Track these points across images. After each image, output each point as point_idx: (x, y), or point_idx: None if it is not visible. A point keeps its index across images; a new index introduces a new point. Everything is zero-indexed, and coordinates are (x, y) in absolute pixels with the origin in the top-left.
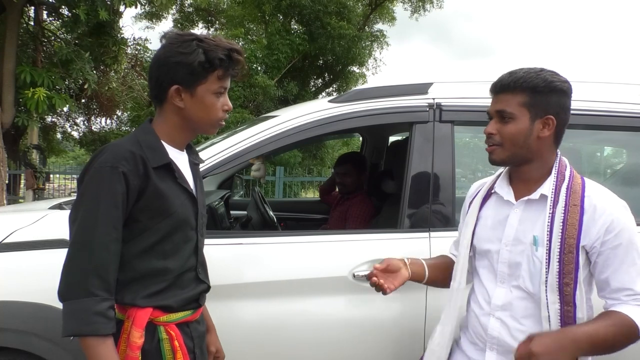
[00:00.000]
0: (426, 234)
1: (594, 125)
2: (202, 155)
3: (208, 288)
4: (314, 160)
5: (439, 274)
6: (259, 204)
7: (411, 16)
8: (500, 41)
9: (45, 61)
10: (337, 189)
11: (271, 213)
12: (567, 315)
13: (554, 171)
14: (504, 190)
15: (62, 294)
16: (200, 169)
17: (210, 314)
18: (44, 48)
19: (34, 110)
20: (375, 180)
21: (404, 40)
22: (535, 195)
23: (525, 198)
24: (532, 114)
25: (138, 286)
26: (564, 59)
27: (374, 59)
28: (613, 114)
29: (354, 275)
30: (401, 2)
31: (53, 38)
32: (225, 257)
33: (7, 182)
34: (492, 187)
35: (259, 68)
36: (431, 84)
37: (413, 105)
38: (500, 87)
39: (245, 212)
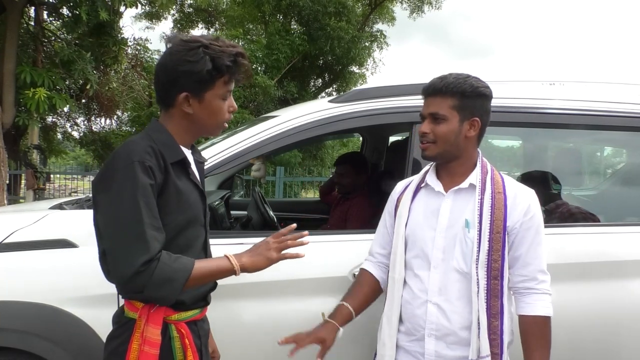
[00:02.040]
0: None
1: (594, 125)
2: (203, 155)
3: (215, 285)
4: (314, 161)
5: (364, 303)
6: (259, 204)
7: (410, 16)
8: (500, 41)
9: (46, 61)
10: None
11: (271, 213)
12: (494, 288)
13: (478, 164)
14: (434, 182)
15: (135, 286)
16: None
17: (210, 314)
18: (45, 48)
19: (35, 110)
20: (376, 180)
21: (403, 40)
22: (465, 184)
23: (456, 187)
24: (461, 116)
25: None
26: (564, 58)
27: (373, 59)
28: (613, 114)
29: (354, 275)
30: (400, 2)
31: (53, 38)
32: None
33: (7, 182)
34: (421, 182)
35: (259, 68)
36: None
37: (413, 105)
38: (433, 91)
39: (245, 212)
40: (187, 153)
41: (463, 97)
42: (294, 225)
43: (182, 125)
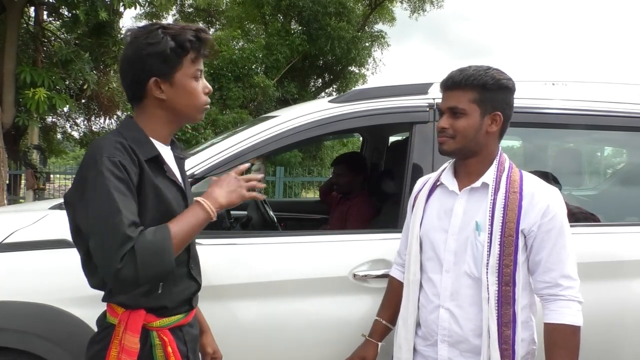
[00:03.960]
0: None
1: (594, 125)
2: (203, 155)
3: (199, 287)
4: (314, 161)
5: (397, 312)
6: (259, 204)
7: (411, 16)
8: (498, 41)
9: (46, 61)
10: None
11: (271, 213)
12: (506, 295)
13: (495, 162)
14: (449, 181)
15: (125, 281)
16: (201, 169)
17: (210, 314)
18: (44, 48)
19: (35, 110)
20: (376, 180)
21: (402, 41)
22: (477, 183)
23: (469, 187)
24: (482, 110)
25: None
26: (564, 58)
27: (374, 59)
28: (613, 114)
29: (354, 275)
30: (400, 2)
31: (53, 38)
32: (226, 257)
33: (7, 182)
34: (437, 180)
35: (259, 68)
36: (431, 84)
37: (413, 106)
38: (452, 84)
39: (245, 212)
40: (164, 149)
41: (484, 90)
42: (247, 165)
43: (158, 116)
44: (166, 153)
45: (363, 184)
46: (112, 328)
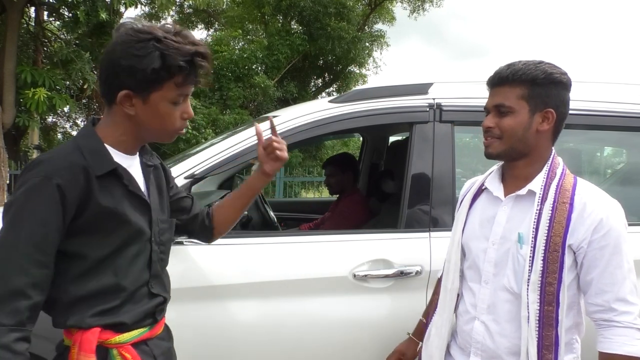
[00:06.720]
0: (426, 234)
1: (594, 125)
2: (203, 155)
3: (165, 300)
4: (314, 161)
5: None
6: (259, 204)
7: (410, 16)
8: (495, 41)
9: (46, 61)
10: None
11: (271, 213)
12: (548, 315)
13: (545, 168)
14: (495, 185)
15: None
16: (201, 169)
17: (209, 315)
18: (45, 48)
19: (35, 110)
20: (376, 180)
21: (400, 41)
22: (523, 191)
23: (514, 194)
24: (532, 106)
25: (85, 306)
26: (562, 58)
27: (374, 59)
28: (613, 114)
29: (354, 275)
30: (399, 1)
31: (53, 38)
32: (226, 257)
33: (7, 182)
34: (483, 183)
35: (259, 68)
36: (431, 84)
37: (413, 106)
38: (499, 80)
39: (245, 212)
40: (127, 159)
41: (534, 85)
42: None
43: (124, 127)
44: (130, 163)
45: (354, 182)
46: (68, 351)
